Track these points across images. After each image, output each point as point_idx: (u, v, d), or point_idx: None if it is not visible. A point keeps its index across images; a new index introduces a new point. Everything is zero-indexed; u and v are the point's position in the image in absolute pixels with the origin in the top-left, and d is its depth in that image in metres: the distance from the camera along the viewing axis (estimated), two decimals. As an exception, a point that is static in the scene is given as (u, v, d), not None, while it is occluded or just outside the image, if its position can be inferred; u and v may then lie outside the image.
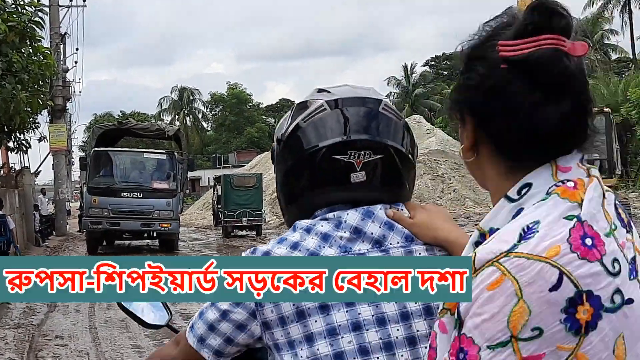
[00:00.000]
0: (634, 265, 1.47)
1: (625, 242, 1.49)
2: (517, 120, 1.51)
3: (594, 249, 1.40)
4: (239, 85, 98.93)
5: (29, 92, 12.79)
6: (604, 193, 1.53)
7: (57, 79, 34.28)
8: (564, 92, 1.50)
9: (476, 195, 41.44)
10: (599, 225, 1.45)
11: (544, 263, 1.37)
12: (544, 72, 1.49)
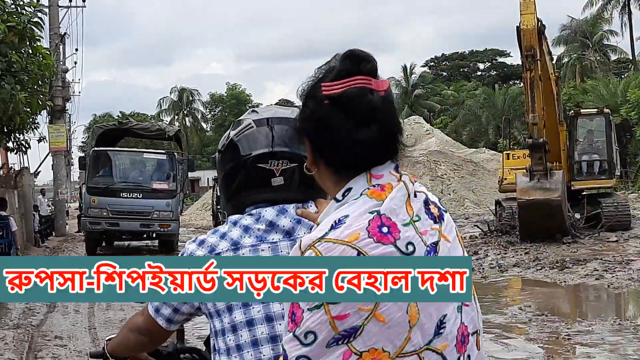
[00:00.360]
0: (434, 247, 2.10)
1: (429, 230, 2.06)
2: (336, 145, 2.00)
3: (389, 235, 1.98)
4: (238, 86, 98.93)
5: (29, 93, 12.78)
6: (409, 194, 2.04)
7: (56, 80, 34.22)
8: (371, 119, 1.99)
9: (475, 196, 41.44)
10: (397, 218, 1.97)
11: (345, 246, 2.00)
12: (353, 106, 1.98)
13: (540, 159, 19.55)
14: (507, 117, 40.83)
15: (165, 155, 26.42)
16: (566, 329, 10.62)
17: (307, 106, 2.10)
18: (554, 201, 19.11)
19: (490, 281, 15.87)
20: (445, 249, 2.17)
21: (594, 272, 15.33)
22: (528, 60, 19.54)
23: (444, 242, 2.14)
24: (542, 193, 19.14)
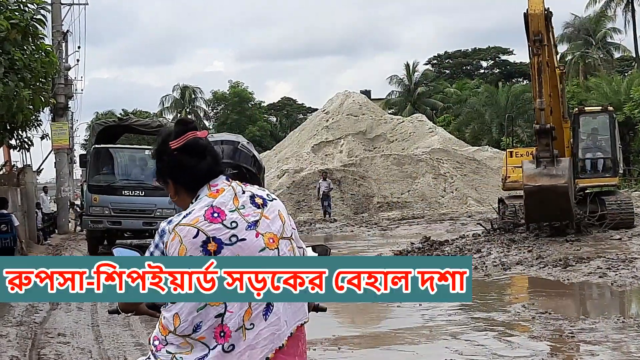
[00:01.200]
0: (254, 223, 3.39)
1: (252, 213, 3.39)
2: (188, 175, 3.42)
3: (218, 217, 3.28)
4: (240, 84, 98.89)
5: (32, 90, 12.77)
6: (235, 193, 3.40)
7: (59, 77, 34.25)
8: (205, 154, 3.41)
9: (478, 194, 41.42)
10: (226, 207, 3.32)
11: (190, 227, 3.27)
12: (193, 149, 3.39)
13: (547, 146, 19.49)
14: (510, 115, 40.78)
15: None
16: (570, 326, 10.61)
17: (163, 159, 3.51)
18: (560, 187, 19.05)
19: (493, 279, 15.85)
20: (265, 224, 3.45)
21: (597, 270, 15.31)
22: (535, 45, 19.52)
23: (264, 220, 3.46)
24: (548, 179, 19.09)
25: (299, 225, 34.18)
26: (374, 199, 40.91)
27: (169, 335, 3.59)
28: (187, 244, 3.34)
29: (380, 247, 22.91)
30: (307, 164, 45.27)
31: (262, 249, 3.51)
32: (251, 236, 3.40)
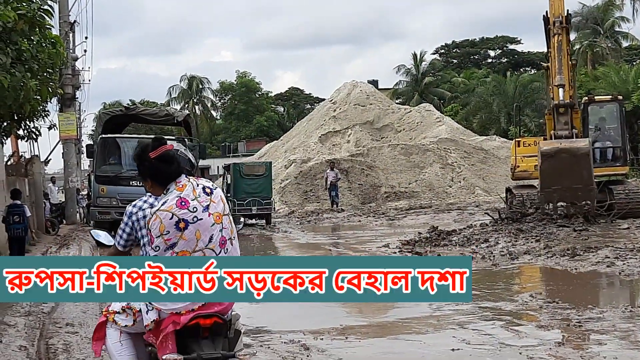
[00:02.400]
0: (207, 207, 5.12)
1: (204, 200, 5.13)
2: (162, 175, 5.24)
3: (184, 204, 5.04)
4: (248, 74, 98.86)
5: (39, 81, 12.77)
6: (194, 187, 5.17)
7: (66, 68, 34.27)
8: (174, 161, 5.23)
9: (486, 183, 41.37)
10: (189, 197, 5.08)
11: (167, 212, 5.02)
12: (165, 158, 5.21)
13: (566, 124, 18.97)
14: (518, 104, 40.68)
15: (176, 141, 25.74)
16: (577, 316, 10.60)
17: (145, 164, 5.29)
18: (581, 149, 18.15)
19: (500, 269, 15.84)
20: (213, 207, 5.15)
21: (605, 260, 15.28)
22: (555, 26, 19.49)
23: (212, 204, 5.17)
24: (568, 142, 18.33)
25: (307, 215, 34.25)
26: (382, 188, 40.89)
27: None
28: (166, 223, 5.07)
29: (388, 237, 22.89)
30: (315, 154, 45.27)
31: (212, 224, 5.16)
32: (205, 216, 5.14)
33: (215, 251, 5.09)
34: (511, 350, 8.95)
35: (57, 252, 23.33)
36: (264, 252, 23.18)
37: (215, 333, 5.13)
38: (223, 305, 5.16)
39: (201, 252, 5.04)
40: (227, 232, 5.20)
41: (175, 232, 4.99)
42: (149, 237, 5.08)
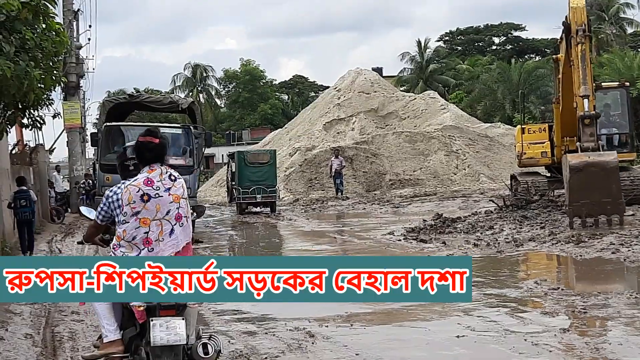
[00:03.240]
0: (168, 189, 6.39)
1: (168, 183, 6.41)
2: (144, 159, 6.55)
3: (150, 184, 6.32)
4: (252, 62, 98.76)
5: (43, 69, 12.75)
6: (162, 172, 6.47)
7: (70, 56, 34.26)
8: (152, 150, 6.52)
9: (491, 170, 41.34)
10: (155, 179, 6.37)
11: (135, 186, 6.31)
12: (145, 146, 6.53)
13: (592, 135, 18.74)
14: (522, 91, 40.63)
15: (181, 129, 25.38)
16: (582, 302, 10.60)
17: (121, 155, 7.76)
18: (609, 163, 18.01)
19: (505, 256, 15.85)
20: (174, 189, 6.40)
21: (610, 246, 15.27)
22: (579, 34, 19.35)
23: (173, 187, 6.41)
24: (597, 156, 18.22)
25: (311, 203, 34.28)
26: (386, 176, 40.88)
27: (121, 241, 6.35)
28: (133, 195, 6.34)
29: (393, 225, 22.90)
30: (319, 142, 45.25)
31: (171, 202, 6.43)
32: (166, 195, 6.41)
33: (171, 222, 6.41)
34: (516, 336, 8.96)
35: (62, 241, 23.39)
36: (269, 239, 23.21)
37: None
38: None
39: (159, 220, 6.38)
40: (183, 211, 6.51)
41: (139, 203, 6.34)
42: (121, 207, 6.38)
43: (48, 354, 9.16)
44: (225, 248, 22.01)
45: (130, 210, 6.33)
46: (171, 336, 6.08)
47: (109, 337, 6.52)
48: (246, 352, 8.56)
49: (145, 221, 6.32)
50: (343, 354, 8.49)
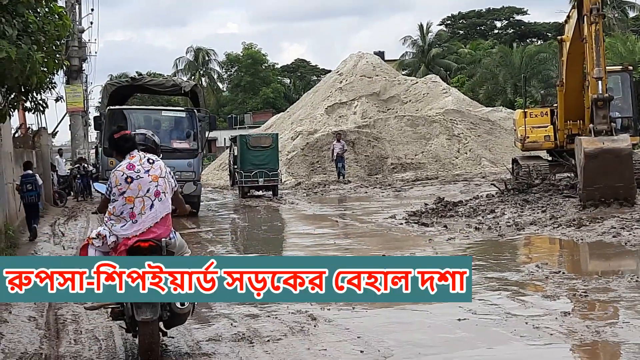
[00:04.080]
0: (147, 171, 7.78)
1: (147, 166, 7.81)
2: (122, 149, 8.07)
3: (132, 168, 7.76)
4: (254, 46, 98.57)
5: (45, 53, 12.76)
6: (141, 158, 7.90)
7: (72, 40, 34.23)
8: (128, 141, 8.08)
9: (492, 154, 41.35)
10: (136, 164, 7.81)
11: (120, 171, 7.78)
12: (124, 139, 8.06)
13: (605, 118, 18.83)
14: (524, 75, 40.52)
15: (185, 112, 25.30)
16: (583, 286, 10.64)
17: (111, 143, 8.15)
18: (624, 149, 18.25)
19: (506, 239, 15.88)
20: (152, 171, 7.80)
21: (611, 230, 15.30)
22: (592, 13, 19.25)
23: (152, 169, 7.81)
24: (610, 143, 18.31)
25: (313, 187, 34.30)
26: (388, 160, 40.90)
27: (111, 216, 7.75)
28: (119, 178, 7.75)
29: (394, 208, 22.94)
30: (321, 126, 45.23)
31: (150, 181, 7.76)
32: (145, 176, 7.76)
33: (151, 198, 7.74)
34: (517, 320, 9.00)
35: (65, 224, 23.44)
36: (271, 223, 23.25)
37: (151, 252, 7.42)
38: (157, 233, 7.67)
39: (141, 198, 7.72)
40: (161, 188, 7.84)
41: (124, 184, 7.72)
42: (111, 188, 7.84)
43: (51, 336, 9.21)
44: (228, 232, 22.06)
45: (118, 191, 7.75)
46: None
47: None
48: (248, 335, 8.61)
49: (130, 199, 7.70)
50: (345, 337, 8.54)
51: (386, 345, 8.18)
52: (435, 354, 8.03)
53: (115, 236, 7.60)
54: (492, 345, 8.23)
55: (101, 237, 7.71)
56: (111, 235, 7.63)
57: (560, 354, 7.86)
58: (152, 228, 7.65)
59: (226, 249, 17.64)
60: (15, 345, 8.68)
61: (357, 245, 16.81)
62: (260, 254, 16.58)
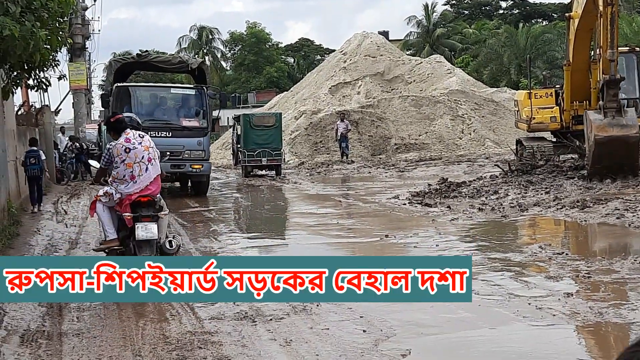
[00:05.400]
0: (140, 142, 10.18)
1: (139, 140, 10.20)
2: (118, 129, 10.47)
3: (129, 142, 10.11)
4: (258, 25, 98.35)
5: (48, 30, 12.72)
6: (136, 135, 10.23)
7: (76, 17, 34.16)
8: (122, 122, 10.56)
9: (496, 135, 41.30)
10: (133, 138, 10.18)
11: (120, 144, 10.13)
12: (119, 121, 10.56)
13: (615, 96, 19.30)
14: (529, 55, 40.41)
15: (195, 89, 24.77)
16: (586, 267, 10.63)
17: (109, 125, 10.70)
18: (632, 137, 18.88)
19: (510, 220, 15.88)
20: (144, 142, 10.18)
21: (614, 212, 15.28)
22: None
23: (143, 141, 10.17)
24: (619, 129, 18.90)
25: (317, 167, 34.31)
26: (392, 140, 40.86)
27: (115, 179, 9.99)
28: (120, 149, 9.97)
29: (398, 189, 22.93)
30: (325, 106, 45.16)
31: (143, 150, 9.99)
32: (140, 147, 10.01)
33: (145, 163, 10.05)
34: (520, 300, 9.00)
35: (68, 202, 23.46)
36: (274, 202, 23.26)
37: (149, 205, 10.08)
38: (152, 190, 10.13)
39: (138, 163, 10.01)
40: (152, 155, 10.19)
41: (124, 154, 9.99)
42: (114, 157, 10.11)
43: (54, 313, 9.22)
44: (231, 211, 22.08)
45: (119, 159, 10.05)
46: (148, 234, 9.89)
47: (110, 237, 10.45)
48: (251, 314, 8.61)
49: (129, 165, 10.03)
50: (348, 317, 8.54)
51: (388, 324, 8.18)
52: (437, 334, 8.04)
53: (120, 194, 10.08)
54: (495, 326, 8.23)
55: (108, 195, 10.24)
56: (116, 193, 10.11)
57: (563, 334, 7.86)
58: (148, 186, 10.12)
59: (229, 228, 17.65)
60: (18, 322, 8.69)
61: (360, 225, 16.82)
62: (263, 233, 16.60)
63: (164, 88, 26.65)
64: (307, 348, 7.53)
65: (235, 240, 15.39)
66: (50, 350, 7.77)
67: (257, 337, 7.73)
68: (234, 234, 16.56)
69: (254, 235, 16.23)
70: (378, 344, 7.64)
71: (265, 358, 7.22)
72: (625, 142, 18.77)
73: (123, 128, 10.33)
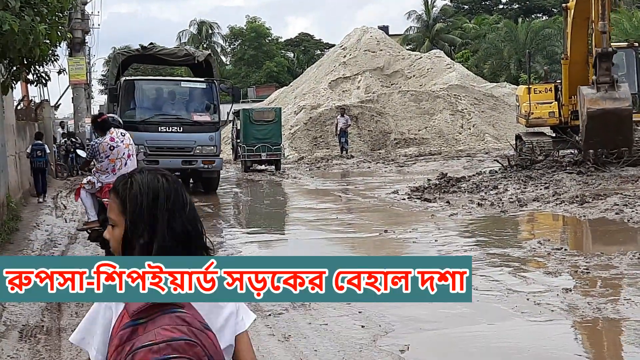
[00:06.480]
0: (122, 140, 11.46)
1: (122, 138, 11.49)
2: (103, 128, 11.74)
3: (113, 139, 11.43)
4: (258, 19, 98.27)
5: (48, 24, 12.73)
6: (116, 132, 11.47)
7: (75, 12, 34.12)
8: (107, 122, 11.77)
9: (496, 130, 41.28)
10: (117, 137, 11.47)
11: (106, 142, 11.38)
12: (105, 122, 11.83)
13: (607, 70, 19.42)
14: (529, 50, 40.42)
15: (206, 83, 23.99)
16: (585, 262, 10.64)
17: (96, 125, 11.88)
18: (624, 110, 19.05)
19: (509, 215, 15.89)
20: (125, 140, 11.61)
21: (613, 207, 15.28)
22: None
23: (124, 139, 11.53)
24: (612, 102, 19.03)
25: (316, 161, 34.31)
26: (391, 135, 40.84)
27: (99, 171, 11.45)
28: (105, 146, 11.30)
29: (397, 184, 22.94)
30: (324, 100, 45.13)
31: (124, 148, 11.40)
32: (122, 145, 11.42)
33: (125, 159, 11.37)
34: (519, 296, 9.01)
35: (67, 197, 23.47)
36: (273, 197, 23.26)
37: None
38: None
39: (120, 159, 11.34)
40: (130, 152, 11.51)
41: (108, 151, 11.25)
42: (99, 153, 11.34)
43: (53, 309, 9.23)
44: (230, 205, 22.08)
45: (104, 155, 11.36)
46: None
47: (91, 219, 11.75)
48: (250, 309, 8.61)
49: (112, 160, 11.37)
50: (346, 312, 8.55)
51: (387, 320, 8.20)
52: (436, 329, 8.05)
53: (101, 183, 11.38)
54: (493, 321, 8.25)
55: (91, 183, 11.57)
56: (98, 182, 11.45)
57: (561, 330, 7.87)
58: None
59: (228, 223, 17.67)
60: (17, 318, 8.71)
61: (359, 220, 16.83)
62: (262, 228, 16.61)
63: (174, 82, 25.96)
64: (305, 343, 7.54)
65: (235, 235, 15.41)
66: (49, 346, 7.79)
67: (255, 333, 7.74)
68: (234, 229, 16.58)
69: (253, 230, 16.25)
70: (376, 340, 7.66)
71: (264, 353, 7.23)
72: (618, 115, 18.96)
73: (108, 127, 11.56)
